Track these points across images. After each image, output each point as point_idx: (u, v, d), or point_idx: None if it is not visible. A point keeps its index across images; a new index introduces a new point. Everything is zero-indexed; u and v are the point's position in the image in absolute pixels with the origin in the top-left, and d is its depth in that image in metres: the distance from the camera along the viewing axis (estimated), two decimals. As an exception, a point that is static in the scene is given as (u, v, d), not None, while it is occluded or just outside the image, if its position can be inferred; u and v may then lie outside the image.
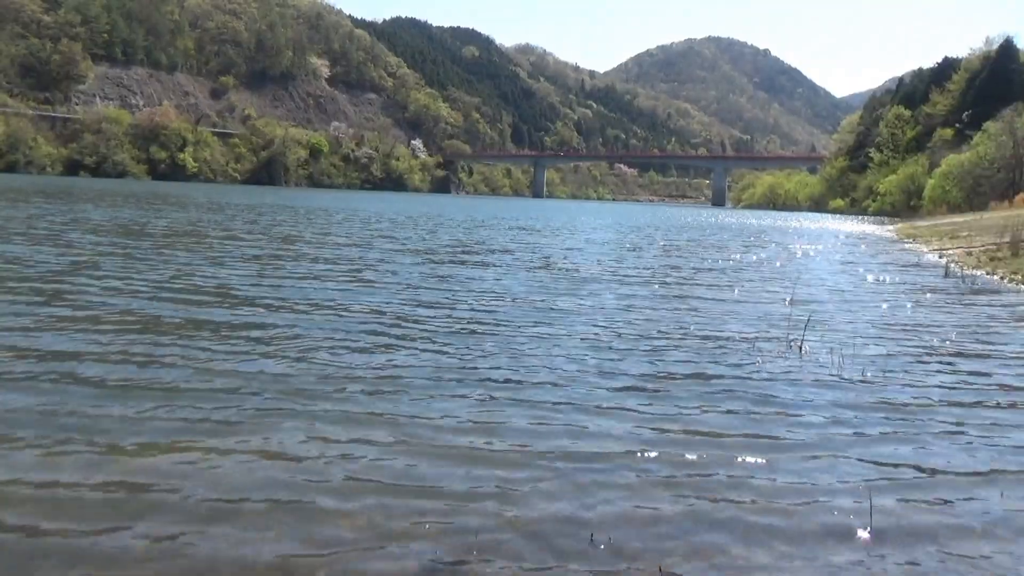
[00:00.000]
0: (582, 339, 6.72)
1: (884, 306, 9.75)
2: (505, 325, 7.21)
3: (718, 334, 7.23)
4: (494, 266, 12.93)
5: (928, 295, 11.13)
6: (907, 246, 24.26)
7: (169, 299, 7.71)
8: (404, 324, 7.04)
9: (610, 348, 6.39)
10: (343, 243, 16.41)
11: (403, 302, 8.32)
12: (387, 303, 8.19)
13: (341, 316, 7.28)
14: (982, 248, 18.72)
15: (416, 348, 6.05)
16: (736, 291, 10.93)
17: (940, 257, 18.45)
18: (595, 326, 7.37)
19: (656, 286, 11.06)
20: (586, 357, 5.98)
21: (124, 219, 20.43)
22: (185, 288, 8.53)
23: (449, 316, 7.60)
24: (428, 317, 7.45)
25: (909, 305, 9.97)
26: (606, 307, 8.69)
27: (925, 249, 22.23)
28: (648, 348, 6.46)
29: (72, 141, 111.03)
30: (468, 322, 7.31)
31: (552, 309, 8.35)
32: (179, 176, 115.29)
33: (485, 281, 10.64)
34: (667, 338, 6.94)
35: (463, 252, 15.59)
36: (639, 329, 7.33)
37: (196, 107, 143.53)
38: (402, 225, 24.97)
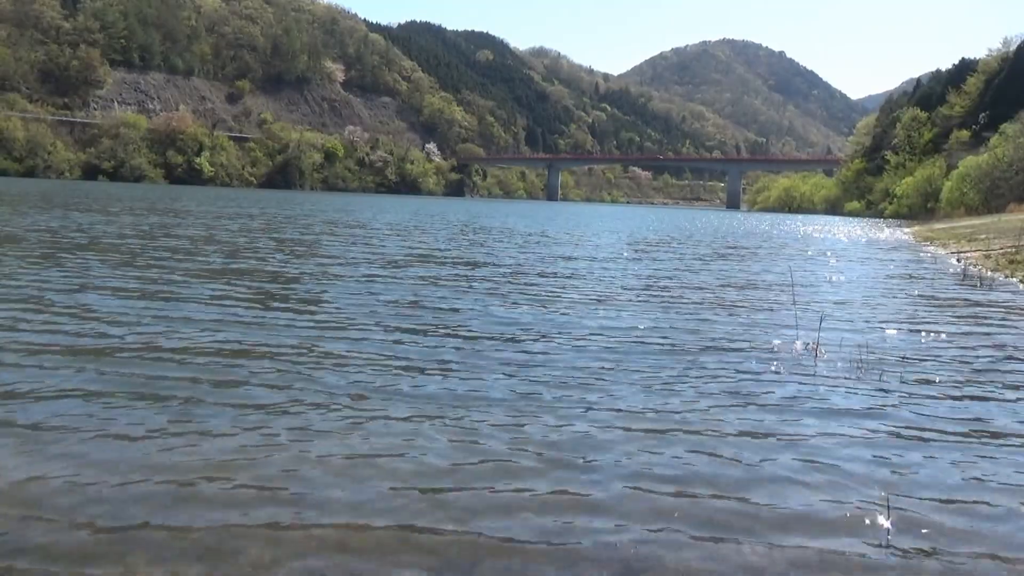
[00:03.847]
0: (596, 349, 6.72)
1: (900, 309, 9.69)
2: (523, 327, 7.23)
3: (733, 339, 7.22)
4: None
5: (945, 298, 11.04)
6: (925, 250, 24.08)
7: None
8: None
9: (627, 353, 6.39)
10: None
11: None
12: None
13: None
14: (1000, 251, 18.55)
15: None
16: (751, 295, 10.90)
17: (958, 260, 18.31)
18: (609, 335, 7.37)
19: (675, 301, 11.04)
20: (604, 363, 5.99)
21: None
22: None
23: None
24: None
25: (926, 309, 9.91)
26: (622, 317, 8.69)
27: (943, 252, 22.05)
28: (667, 354, 6.46)
29: (90, 146, 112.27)
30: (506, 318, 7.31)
31: (564, 316, 8.37)
32: (196, 180, 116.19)
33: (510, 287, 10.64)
34: (688, 344, 6.94)
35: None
36: (658, 336, 7.33)
37: (212, 112, 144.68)
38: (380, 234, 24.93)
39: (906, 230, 40.17)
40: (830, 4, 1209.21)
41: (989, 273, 14.82)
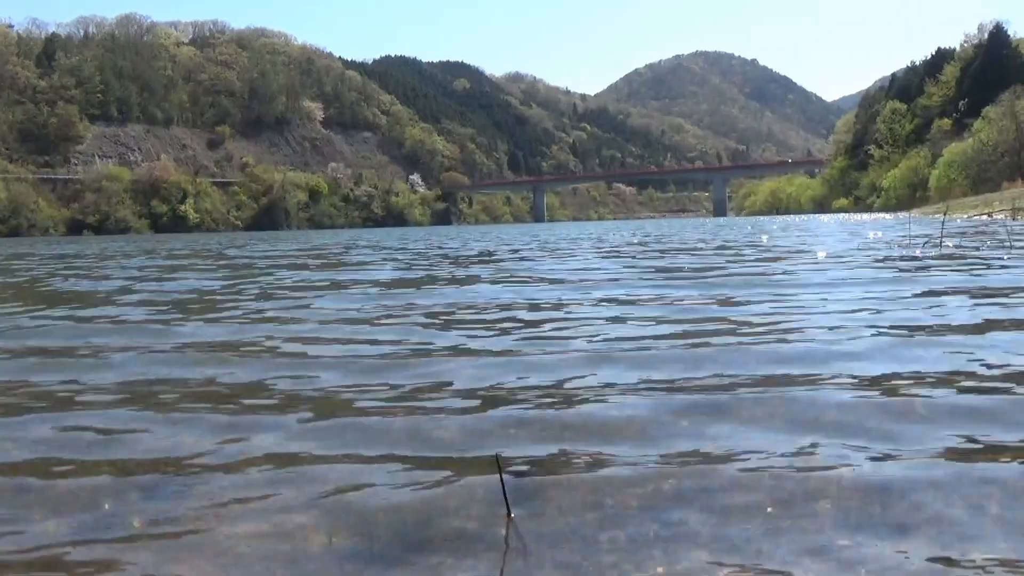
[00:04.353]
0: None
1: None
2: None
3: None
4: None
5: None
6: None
7: None
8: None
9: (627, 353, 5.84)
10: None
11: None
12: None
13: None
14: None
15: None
16: (748, 290, 10.40)
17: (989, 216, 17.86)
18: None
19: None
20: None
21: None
22: None
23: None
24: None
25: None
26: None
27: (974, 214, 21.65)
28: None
29: (74, 201, 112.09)
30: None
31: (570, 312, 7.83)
32: (181, 228, 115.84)
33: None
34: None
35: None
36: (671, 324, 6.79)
37: (194, 159, 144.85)
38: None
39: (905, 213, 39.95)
40: (799, 10, 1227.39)
41: None
